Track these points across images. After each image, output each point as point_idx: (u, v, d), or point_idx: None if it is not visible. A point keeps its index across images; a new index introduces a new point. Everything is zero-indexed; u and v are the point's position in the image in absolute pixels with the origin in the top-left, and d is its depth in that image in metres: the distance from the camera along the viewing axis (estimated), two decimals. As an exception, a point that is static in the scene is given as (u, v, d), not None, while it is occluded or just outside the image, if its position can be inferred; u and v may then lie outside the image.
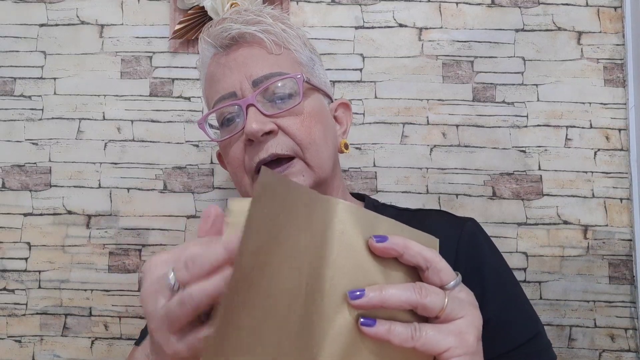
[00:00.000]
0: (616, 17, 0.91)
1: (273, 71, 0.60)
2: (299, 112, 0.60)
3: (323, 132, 0.62)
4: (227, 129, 0.62)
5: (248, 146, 0.59)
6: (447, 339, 0.36)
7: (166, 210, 0.89)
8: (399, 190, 0.90)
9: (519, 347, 0.57)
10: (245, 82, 0.60)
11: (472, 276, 0.59)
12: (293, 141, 0.59)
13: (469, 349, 0.36)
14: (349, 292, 0.35)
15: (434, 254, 0.37)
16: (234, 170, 0.62)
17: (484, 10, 0.92)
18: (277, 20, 0.63)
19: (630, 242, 0.87)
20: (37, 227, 0.89)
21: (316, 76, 0.66)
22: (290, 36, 0.63)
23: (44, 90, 0.91)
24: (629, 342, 0.85)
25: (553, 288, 0.87)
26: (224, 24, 0.62)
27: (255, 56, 0.61)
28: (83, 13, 0.93)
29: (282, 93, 0.60)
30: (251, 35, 0.61)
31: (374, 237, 0.36)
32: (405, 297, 0.35)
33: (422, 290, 0.36)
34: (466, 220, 0.65)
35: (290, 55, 0.63)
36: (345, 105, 0.70)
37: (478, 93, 0.91)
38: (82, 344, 0.87)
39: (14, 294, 0.88)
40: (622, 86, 0.90)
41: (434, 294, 0.36)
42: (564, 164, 0.89)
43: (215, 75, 0.62)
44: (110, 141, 0.91)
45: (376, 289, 0.35)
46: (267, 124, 0.58)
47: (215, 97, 0.62)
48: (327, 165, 0.62)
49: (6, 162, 0.90)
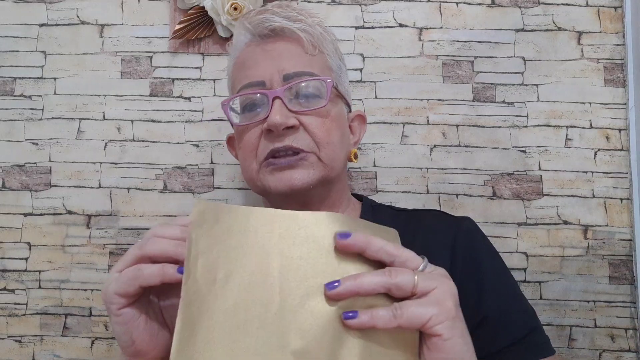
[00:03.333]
0: (616, 17, 0.91)
1: (305, 70, 0.61)
2: (321, 114, 0.61)
3: (340, 137, 0.63)
4: (247, 115, 0.62)
5: (265, 135, 0.60)
6: (427, 309, 0.37)
7: (166, 210, 0.89)
8: (399, 191, 0.90)
9: (517, 342, 0.57)
10: (276, 75, 0.61)
11: (469, 274, 0.59)
12: (311, 139, 0.60)
13: (450, 314, 0.38)
14: (326, 284, 0.37)
15: (395, 248, 0.39)
16: (244, 155, 0.63)
17: (484, 10, 0.92)
18: (316, 22, 0.65)
19: (630, 242, 0.87)
20: (37, 227, 0.89)
21: (342, 84, 0.67)
22: (325, 40, 0.65)
23: (44, 90, 0.91)
24: (629, 342, 0.85)
25: (553, 288, 0.87)
26: (266, 14, 0.62)
27: (291, 52, 0.62)
28: (83, 13, 0.93)
29: (309, 93, 0.61)
30: (291, 31, 0.62)
31: (337, 234, 0.39)
32: (377, 280, 0.37)
33: (392, 272, 0.38)
34: (463, 219, 0.66)
35: (323, 58, 0.65)
36: (361, 117, 0.72)
37: (478, 93, 0.91)
38: (82, 344, 0.87)
39: (14, 294, 0.88)
40: (622, 86, 0.90)
41: (403, 274, 0.38)
42: (564, 164, 0.89)
43: (248, 62, 0.63)
44: (110, 141, 0.91)
45: (350, 278, 0.38)
46: (290, 119, 0.59)
47: (243, 82, 0.62)
48: (337, 166, 0.63)
49: (6, 162, 0.90)
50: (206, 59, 0.92)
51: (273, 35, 0.63)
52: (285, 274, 0.38)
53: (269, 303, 0.37)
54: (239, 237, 0.38)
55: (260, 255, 0.38)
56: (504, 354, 0.57)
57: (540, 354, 0.58)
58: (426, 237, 0.63)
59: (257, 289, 0.37)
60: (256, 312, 0.37)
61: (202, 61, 0.92)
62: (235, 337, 0.36)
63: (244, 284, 0.37)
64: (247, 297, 0.37)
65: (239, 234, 0.38)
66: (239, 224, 0.38)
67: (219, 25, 0.88)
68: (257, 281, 0.37)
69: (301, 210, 0.59)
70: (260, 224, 0.38)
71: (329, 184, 0.63)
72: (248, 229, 0.38)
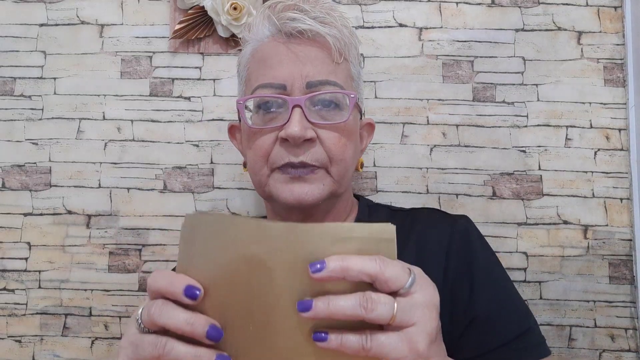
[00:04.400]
0: (616, 17, 0.91)
1: (330, 79, 0.59)
2: (339, 128, 0.59)
3: (353, 151, 0.62)
4: (261, 116, 0.60)
5: (280, 142, 0.58)
6: (397, 347, 0.36)
7: (166, 210, 0.89)
8: (399, 190, 0.90)
9: (508, 343, 0.56)
10: (299, 80, 0.58)
11: (462, 272, 0.59)
12: (326, 154, 0.59)
13: (420, 356, 0.37)
14: (298, 303, 0.36)
15: (377, 265, 0.36)
16: (255, 157, 0.61)
17: (484, 10, 0.92)
18: (345, 26, 0.62)
19: (630, 242, 0.87)
20: (37, 227, 0.89)
21: (361, 93, 0.66)
22: (351, 46, 0.63)
23: (44, 90, 0.91)
24: (629, 342, 0.85)
25: (553, 288, 0.87)
26: (295, 12, 0.59)
27: (317, 58, 0.59)
28: (83, 13, 0.93)
29: (330, 105, 0.59)
30: (320, 35, 0.59)
31: (310, 266, 0.36)
32: (350, 311, 0.35)
33: (369, 303, 0.35)
34: (459, 217, 0.66)
35: (347, 67, 0.62)
36: (371, 126, 0.71)
37: (478, 93, 0.91)
38: (82, 344, 0.87)
39: (14, 294, 0.88)
40: (622, 86, 0.90)
41: (382, 305, 0.36)
42: (564, 164, 0.89)
43: (269, 59, 0.60)
44: (110, 141, 0.91)
45: (324, 300, 0.36)
46: (309, 131, 0.57)
47: (262, 80, 0.60)
48: (346, 182, 0.62)
49: (6, 162, 0.90)
50: (206, 59, 0.92)
51: (300, 36, 0.60)
52: (270, 289, 0.37)
53: (251, 316, 0.37)
54: (227, 249, 0.37)
55: (248, 268, 0.37)
56: (493, 355, 0.56)
57: (531, 356, 0.56)
58: (422, 236, 0.62)
59: (241, 302, 0.37)
60: (239, 323, 0.37)
61: (202, 61, 0.92)
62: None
63: (229, 298, 0.37)
64: (230, 311, 0.37)
65: (228, 247, 0.37)
66: (229, 236, 0.37)
67: (218, 25, 0.88)
68: (241, 294, 0.37)
69: (304, 220, 0.58)
70: (249, 236, 0.37)
71: (335, 198, 0.63)
72: (237, 241, 0.37)
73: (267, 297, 0.37)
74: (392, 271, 0.36)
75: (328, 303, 0.35)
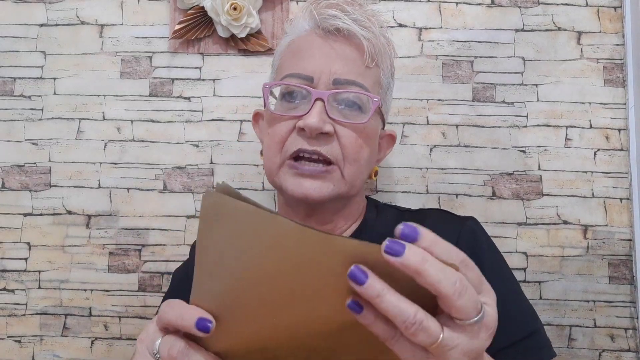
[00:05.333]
0: (616, 17, 0.91)
1: (357, 80, 0.60)
2: (358, 129, 0.60)
3: (368, 155, 0.62)
4: (284, 104, 0.61)
5: (297, 131, 0.59)
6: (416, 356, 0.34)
7: (166, 210, 0.89)
8: (399, 190, 0.90)
9: (517, 343, 0.56)
10: (326, 75, 0.59)
11: None
12: (341, 151, 0.59)
13: None
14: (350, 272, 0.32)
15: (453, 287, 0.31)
16: (270, 143, 0.62)
17: (484, 10, 0.92)
18: (382, 34, 0.63)
19: (630, 242, 0.87)
20: (37, 227, 0.89)
21: (386, 102, 0.67)
22: (385, 54, 0.64)
23: (44, 90, 0.91)
24: (629, 342, 0.85)
25: (553, 288, 0.87)
26: (336, 11, 0.61)
27: (349, 58, 0.61)
28: (83, 13, 0.93)
29: (353, 104, 0.60)
30: (356, 37, 0.61)
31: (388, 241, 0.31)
32: (396, 315, 0.32)
33: (416, 324, 0.32)
34: (467, 218, 0.66)
35: (377, 73, 0.63)
36: (391, 137, 0.71)
37: (478, 93, 0.91)
38: (82, 344, 0.87)
39: (13, 294, 0.88)
40: (622, 86, 0.90)
41: (424, 333, 0.32)
42: (563, 164, 0.89)
43: (303, 51, 0.62)
44: (110, 141, 0.91)
45: (381, 284, 0.32)
46: (327, 125, 0.58)
47: (291, 70, 0.61)
48: (357, 186, 0.62)
49: (6, 162, 0.90)
50: (206, 59, 0.92)
51: (336, 33, 0.61)
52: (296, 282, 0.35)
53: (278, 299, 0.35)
54: (245, 238, 0.35)
55: (268, 262, 0.35)
56: (500, 356, 0.56)
57: (538, 357, 0.57)
58: None
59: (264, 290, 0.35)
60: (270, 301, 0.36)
61: (201, 61, 0.92)
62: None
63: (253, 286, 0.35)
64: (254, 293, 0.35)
65: (246, 236, 0.35)
66: (246, 225, 0.35)
67: (218, 26, 0.88)
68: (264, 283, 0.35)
69: (310, 216, 0.59)
70: (267, 230, 0.34)
71: (344, 199, 0.63)
72: (255, 232, 0.35)
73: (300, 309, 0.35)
74: (464, 301, 0.32)
75: (382, 290, 0.32)
